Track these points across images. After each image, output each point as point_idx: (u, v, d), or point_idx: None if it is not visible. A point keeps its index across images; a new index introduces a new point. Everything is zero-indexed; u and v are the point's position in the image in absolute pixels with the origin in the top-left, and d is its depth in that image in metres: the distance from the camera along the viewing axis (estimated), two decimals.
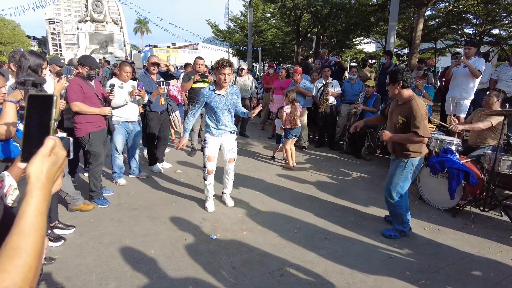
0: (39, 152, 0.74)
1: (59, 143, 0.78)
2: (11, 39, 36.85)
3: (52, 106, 0.78)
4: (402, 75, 3.00)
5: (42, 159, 0.73)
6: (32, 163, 0.72)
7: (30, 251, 0.65)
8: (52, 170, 0.75)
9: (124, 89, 4.30)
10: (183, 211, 3.79)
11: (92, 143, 3.70)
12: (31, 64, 2.77)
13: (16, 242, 0.65)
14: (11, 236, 0.65)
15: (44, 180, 0.72)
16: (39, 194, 0.71)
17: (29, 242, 0.66)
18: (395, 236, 3.28)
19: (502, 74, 5.87)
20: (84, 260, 2.80)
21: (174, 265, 2.75)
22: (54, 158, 0.75)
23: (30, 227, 0.67)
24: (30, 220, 0.68)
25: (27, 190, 0.71)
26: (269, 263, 2.82)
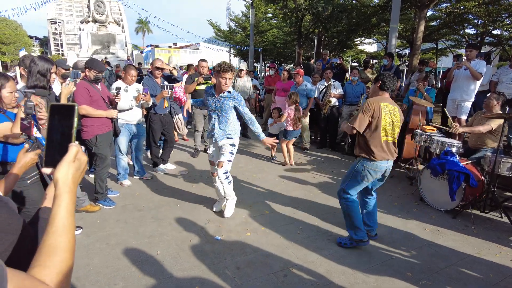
0: (65, 159, 0.81)
1: (81, 149, 0.85)
2: (13, 39, 37.02)
3: (73, 115, 0.85)
4: (383, 76, 3.07)
5: (68, 165, 0.81)
6: (59, 169, 0.80)
7: (65, 247, 0.73)
8: (76, 174, 0.83)
9: (129, 92, 4.36)
10: (187, 212, 3.85)
11: (99, 146, 3.77)
12: (40, 69, 2.84)
13: (53, 241, 0.73)
14: (47, 235, 0.74)
15: (71, 184, 0.80)
16: (67, 197, 0.79)
17: (63, 240, 0.74)
18: (345, 244, 3.18)
19: (503, 76, 5.90)
20: (92, 261, 2.86)
21: (180, 265, 2.82)
22: (78, 163, 0.83)
23: (62, 227, 0.75)
24: (62, 221, 0.76)
25: (56, 194, 0.79)
26: (272, 263, 2.88)
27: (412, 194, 4.56)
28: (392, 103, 3.06)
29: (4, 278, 0.56)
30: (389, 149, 3.02)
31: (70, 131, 0.84)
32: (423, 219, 3.84)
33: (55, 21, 42.00)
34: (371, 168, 3.02)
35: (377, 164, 3.00)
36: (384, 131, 2.96)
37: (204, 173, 5.28)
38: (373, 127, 2.96)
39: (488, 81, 6.35)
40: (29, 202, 2.34)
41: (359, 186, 3.13)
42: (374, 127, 2.96)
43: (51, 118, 0.86)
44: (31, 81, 2.83)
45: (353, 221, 3.13)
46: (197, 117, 5.94)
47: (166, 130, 5.16)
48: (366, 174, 3.04)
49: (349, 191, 3.14)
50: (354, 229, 3.13)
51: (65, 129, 0.85)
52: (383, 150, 2.99)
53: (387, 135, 2.99)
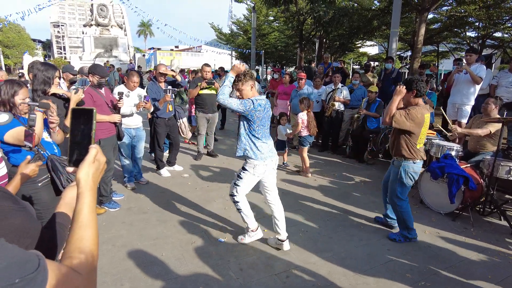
0: (86, 160, 0.90)
1: (100, 151, 0.92)
2: (17, 42, 37.35)
3: (92, 118, 0.92)
4: (417, 84, 3.16)
5: (89, 166, 0.89)
6: (80, 169, 0.88)
7: (91, 239, 0.82)
8: (96, 174, 0.91)
9: (131, 98, 4.44)
10: (191, 215, 3.92)
11: (102, 150, 3.81)
12: (45, 75, 2.93)
13: (80, 234, 0.81)
14: (73, 230, 0.82)
15: (91, 183, 0.89)
16: (89, 195, 0.87)
17: (88, 233, 0.82)
18: (399, 240, 3.41)
19: (502, 80, 5.97)
20: (99, 262, 2.88)
21: (185, 266, 2.89)
22: (97, 163, 0.92)
23: (87, 221, 0.84)
24: (86, 216, 0.84)
25: (78, 192, 0.87)
26: (275, 265, 2.95)
27: (412, 197, 4.60)
28: (428, 111, 3.29)
29: (46, 267, 0.64)
30: (423, 152, 3.33)
31: (89, 133, 0.92)
32: (423, 221, 3.89)
33: (58, 24, 42.28)
34: (413, 170, 3.29)
35: (418, 165, 3.29)
36: (421, 139, 3.24)
37: (208, 176, 5.36)
38: (412, 135, 3.20)
39: (488, 84, 6.41)
40: (40, 204, 2.41)
41: (407, 190, 3.36)
42: (414, 136, 3.20)
43: (73, 122, 0.93)
44: (35, 85, 2.92)
45: (408, 224, 3.37)
46: (200, 121, 6.02)
47: (172, 134, 5.25)
48: (411, 177, 3.31)
49: (401, 196, 3.36)
50: (408, 230, 3.39)
51: (85, 131, 0.93)
52: (421, 152, 3.28)
53: (422, 142, 3.29)
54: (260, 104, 2.93)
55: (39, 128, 2.19)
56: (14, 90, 2.24)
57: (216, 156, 6.44)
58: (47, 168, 2.39)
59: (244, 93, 2.98)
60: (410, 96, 3.22)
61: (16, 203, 1.09)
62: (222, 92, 2.94)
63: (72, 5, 44.60)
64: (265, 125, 3.06)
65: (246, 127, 3.04)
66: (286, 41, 21.42)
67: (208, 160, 6.27)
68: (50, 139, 2.52)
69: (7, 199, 1.06)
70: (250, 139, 3.03)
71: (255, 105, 2.89)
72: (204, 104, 5.92)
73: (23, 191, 2.41)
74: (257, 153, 3.01)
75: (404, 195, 3.37)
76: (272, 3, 11.39)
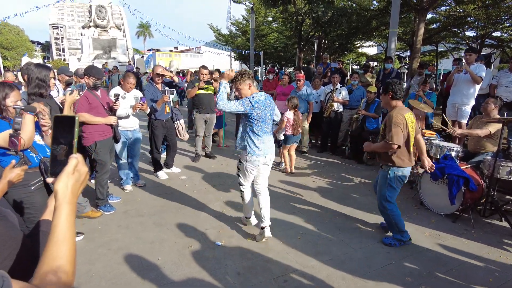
0: (65, 170, 0.84)
1: (81, 161, 0.88)
2: (16, 44, 37.29)
3: (74, 126, 0.87)
4: (392, 86, 3.19)
5: (67, 177, 0.84)
6: (58, 180, 0.83)
7: (67, 257, 0.77)
8: (76, 185, 0.85)
9: (127, 99, 4.39)
10: (188, 218, 3.87)
11: (98, 152, 3.80)
12: (38, 75, 2.88)
13: (55, 251, 0.76)
14: (48, 246, 0.77)
15: (70, 195, 0.83)
16: (67, 208, 0.82)
17: (64, 249, 0.77)
18: (394, 244, 3.34)
19: (502, 80, 5.93)
20: (94, 267, 2.89)
21: (181, 271, 2.84)
22: (77, 174, 0.86)
23: (63, 237, 0.78)
24: (63, 232, 0.79)
25: (56, 205, 0.82)
26: (273, 269, 2.90)
27: (412, 198, 4.57)
28: (408, 110, 3.23)
29: None
30: (412, 154, 3.26)
31: (71, 142, 0.87)
32: (423, 223, 3.85)
33: (56, 26, 42.23)
34: (402, 174, 3.24)
35: (406, 170, 3.24)
36: (410, 141, 3.17)
37: (205, 178, 5.31)
38: (405, 138, 3.13)
39: (488, 84, 6.38)
40: (34, 208, 2.37)
41: (397, 192, 3.33)
42: (406, 138, 3.13)
43: (54, 129, 0.88)
44: (31, 88, 2.87)
45: (399, 227, 3.33)
46: (198, 122, 5.98)
47: (169, 135, 5.20)
48: (399, 180, 3.26)
49: (390, 200, 3.32)
50: (401, 233, 3.34)
51: (66, 140, 0.87)
52: (409, 156, 3.22)
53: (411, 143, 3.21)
54: (258, 101, 3.06)
55: (30, 131, 2.15)
56: (5, 93, 2.20)
57: (214, 157, 6.40)
58: (40, 171, 2.35)
59: (243, 92, 3.12)
60: (387, 98, 3.26)
61: None
62: (220, 98, 3.05)
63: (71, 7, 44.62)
64: (265, 121, 3.15)
65: (246, 124, 3.16)
66: (285, 42, 21.41)
67: (206, 161, 6.22)
68: (42, 142, 2.48)
69: None
70: (250, 136, 3.15)
71: (252, 103, 3.03)
72: (202, 104, 5.88)
73: (15, 195, 2.36)
74: (255, 149, 3.15)
75: (393, 199, 3.32)
76: (270, 4, 11.36)
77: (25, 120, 2.12)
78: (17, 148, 1.98)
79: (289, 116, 5.40)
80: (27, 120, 2.15)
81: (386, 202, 3.31)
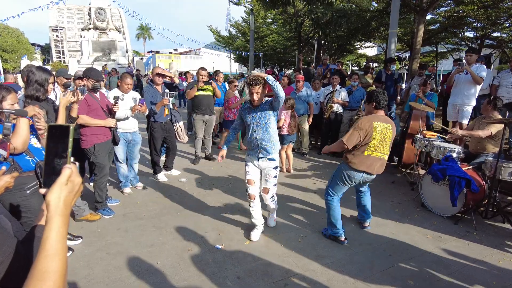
0: (57, 181, 0.80)
1: (75, 171, 0.84)
2: (15, 46, 37.32)
3: (68, 136, 0.84)
4: (376, 96, 3.26)
5: (60, 188, 0.80)
6: (51, 191, 0.79)
7: (57, 272, 0.73)
8: (69, 197, 0.82)
9: (125, 101, 4.36)
10: (188, 221, 3.84)
11: (97, 155, 3.77)
12: (38, 79, 2.86)
13: (44, 265, 0.72)
14: (38, 260, 0.73)
15: (62, 207, 0.79)
16: (59, 220, 0.78)
17: (55, 264, 0.73)
18: (325, 234, 3.51)
19: (503, 80, 5.91)
20: (92, 271, 2.85)
21: (180, 275, 2.80)
22: (71, 185, 0.82)
23: (54, 251, 0.74)
24: (54, 245, 0.75)
25: (47, 217, 0.78)
26: (273, 272, 2.87)
27: (413, 200, 4.54)
28: (385, 120, 3.26)
29: None
30: (371, 163, 3.21)
31: (65, 152, 0.84)
32: (425, 225, 3.82)
33: (56, 29, 42.23)
34: (347, 174, 3.30)
35: (353, 173, 3.26)
36: (370, 146, 3.17)
37: (205, 180, 5.28)
38: (363, 143, 3.18)
39: (489, 85, 6.36)
40: (31, 211, 2.34)
41: (340, 188, 3.40)
42: (363, 144, 3.18)
43: (48, 138, 0.85)
44: (29, 91, 2.85)
45: (330, 219, 3.41)
46: (198, 124, 5.96)
47: (168, 138, 5.17)
48: (343, 178, 3.33)
49: (331, 191, 3.44)
50: (331, 225, 3.43)
51: (60, 149, 0.85)
52: (362, 162, 3.21)
53: (376, 150, 3.19)
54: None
55: (24, 135, 2.12)
56: (2, 96, 2.17)
57: (214, 159, 6.37)
58: (36, 175, 2.32)
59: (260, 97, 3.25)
60: (370, 107, 3.33)
61: None
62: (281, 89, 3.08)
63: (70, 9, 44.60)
64: None
65: (273, 123, 3.31)
66: (284, 43, 21.41)
67: (206, 163, 6.19)
68: (39, 145, 2.44)
69: None
70: (276, 134, 3.37)
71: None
72: (201, 105, 5.86)
73: (12, 199, 2.33)
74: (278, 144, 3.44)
75: (334, 193, 3.40)
76: (270, 5, 11.35)
77: (19, 124, 2.09)
78: (6, 154, 1.94)
79: (286, 116, 5.41)
80: (21, 124, 2.12)
81: (326, 192, 3.47)
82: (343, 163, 3.35)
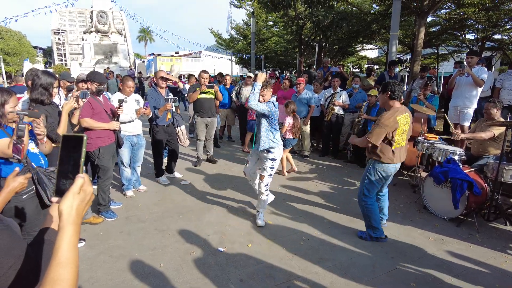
0: (70, 190, 0.83)
1: (87, 180, 0.86)
2: (18, 49, 37.50)
3: (82, 146, 0.87)
4: (391, 86, 3.24)
5: (73, 197, 0.82)
6: (63, 200, 0.82)
7: (69, 281, 0.74)
8: (81, 206, 0.84)
9: (128, 103, 4.38)
10: (190, 223, 3.85)
11: (101, 158, 3.79)
12: (43, 83, 2.87)
13: (56, 274, 0.73)
14: (50, 268, 0.74)
15: (75, 216, 0.81)
16: (71, 229, 0.80)
17: (66, 273, 0.74)
18: (365, 238, 3.48)
19: (505, 83, 5.92)
20: (95, 274, 2.86)
21: (183, 278, 2.81)
22: (83, 195, 0.85)
23: (65, 259, 0.76)
24: (65, 253, 0.76)
25: (60, 225, 0.80)
26: (276, 275, 2.87)
27: (415, 202, 4.54)
28: (405, 110, 3.27)
29: None
30: (399, 154, 3.29)
31: (78, 162, 0.87)
32: (427, 227, 3.81)
33: (58, 32, 42.41)
34: (382, 169, 3.33)
35: (387, 166, 3.30)
36: (397, 140, 3.20)
37: (207, 182, 5.29)
38: (389, 139, 3.19)
39: (490, 87, 6.36)
40: (25, 217, 2.31)
41: (374, 187, 3.41)
42: (390, 139, 3.19)
43: (62, 149, 0.88)
44: (33, 94, 2.86)
45: (371, 222, 3.43)
46: (199, 126, 5.97)
47: (171, 141, 5.19)
48: (379, 175, 3.35)
49: (366, 193, 3.42)
50: (372, 228, 3.45)
51: (74, 159, 0.87)
52: (393, 155, 3.25)
53: (399, 142, 3.24)
54: (275, 104, 3.68)
55: (25, 139, 2.12)
56: (4, 99, 2.16)
57: (216, 162, 6.38)
58: (32, 181, 2.27)
59: (266, 98, 3.64)
60: (385, 97, 3.30)
61: None
62: (254, 98, 3.50)
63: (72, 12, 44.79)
64: (277, 119, 3.74)
65: (268, 123, 3.68)
66: (285, 46, 21.42)
67: (207, 166, 6.20)
68: (36, 150, 2.42)
69: None
70: (272, 132, 3.69)
71: (275, 105, 3.66)
72: (203, 108, 5.87)
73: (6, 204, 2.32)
74: (276, 141, 3.72)
75: (371, 193, 3.41)
76: (271, 8, 11.35)
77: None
78: (20, 155, 1.95)
79: (289, 121, 5.44)
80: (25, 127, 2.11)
81: (362, 195, 3.44)
82: (374, 162, 3.36)
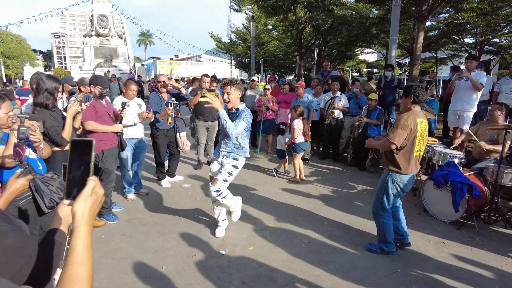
0: (83, 193, 0.87)
1: (98, 183, 0.90)
2: (18, 53, 37.57)
3: (91, 150, 0.90)
4: (415, 90, 3.07)
5: (85, 199, 0.86)
6: (77, 202, 0.86)
7: (85, 278, 0.78)
8: (93, 207, 0.88)
9: (131, 107, 4.41)
10: (191, 226, 3.87)
11: (105, 161, 3.81)
12: (48, 87, 2.89)
13: (73, 271, 0.77)
14: (67, 266, 0.78)
15: (87, 217, 0.86)
16: (84, 229, 0.84)
17: (83, 270, 0.78)
18: (375, 251, 3.33)
19: (503, 87, 5.96)
20: (98, 277, 2.87)
21: (186, 281, 2.82)
22: (95, 196, 0.89)
23: (81, 258, 0.80)
24: (81, 252, 0.80)
25: (74, 226, 0.84)
26: (278, 278, 2.88)
27: (415, 206, 4.56)
28: (424, 116, 3.13)
29: None
30: (416, 162, 3.15)
31: (88, 165, 0.90)
32: (427, 230, 3.83)
33: (58, 35, 42.52)
34: (401, 181, 3.14)
35: (405, 177, 3.13)
36: (417, 145, 3.05)
37: (208, 186, 5.28)
38: (410, 143, 3.03)
39: (488, 91, 6.41)
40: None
41: (391, 201, 3.23)
42: (410, 143, 3.03)
43: (71, 153, 0.91)
44: (38, 99, 2.88)
45: (386, 237, 3.27)
46: (200, 130, 6.00)
47: (172, 144, 5.21)
48: (397, 188, 3.16)
49: (385, 206, 3.23)
50: (385, 243, 3.28)
51: (83, 163, 0.91)
52: (413, 164, 3.10)
53: (420, 149, 3.10)
54: (249, 112, 3.50)
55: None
56: None
57: None
58: (30, 188, 2.26)
59: (233, 100, 3.47)
60: (407, 102, 3.13)
61: (10, 222, 1.05)
62: (232, 128, 3.31)
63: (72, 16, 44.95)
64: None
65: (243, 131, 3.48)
66: (285, 50, 21.52)
67: (208, 169, 6.19)
68: (34, 156, 2.42)
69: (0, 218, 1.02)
70: (243, 140, 3.51)
71: (250, 115, 3.48)
72: (204, 112, 5.90)
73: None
74: (245, 150, 3.55)
75: (389, 206, 3.24)
76: (271, 12, 11.44)
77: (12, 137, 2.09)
78: (21, 157, 1.97)
79: (299, 123, 5.47)
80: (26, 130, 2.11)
81: (381, 208, 3.26)
82: (391, 173, 3.15)
